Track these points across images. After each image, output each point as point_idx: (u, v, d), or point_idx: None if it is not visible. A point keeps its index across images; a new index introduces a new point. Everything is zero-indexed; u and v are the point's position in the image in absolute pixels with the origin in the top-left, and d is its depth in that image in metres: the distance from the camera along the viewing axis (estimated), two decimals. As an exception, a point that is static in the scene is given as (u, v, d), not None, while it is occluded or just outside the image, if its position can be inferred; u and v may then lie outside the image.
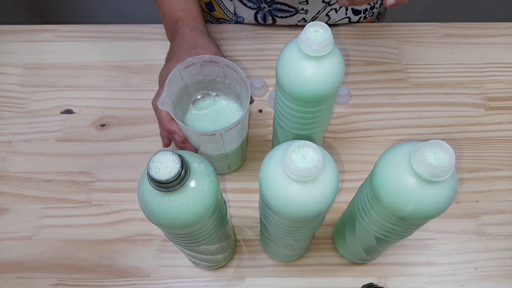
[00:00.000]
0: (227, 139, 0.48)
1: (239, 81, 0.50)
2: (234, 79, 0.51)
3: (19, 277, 0.53)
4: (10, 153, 0.62)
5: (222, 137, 0.47)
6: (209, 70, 0.51)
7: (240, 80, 0.49)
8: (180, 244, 0.42)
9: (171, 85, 0.48)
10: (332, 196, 0.36)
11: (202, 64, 0.49)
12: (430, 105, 0.65)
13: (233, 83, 0.52)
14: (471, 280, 0.53)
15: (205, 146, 0.49)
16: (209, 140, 0.47)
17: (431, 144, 0.33)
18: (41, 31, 0.73)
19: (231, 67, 0.49)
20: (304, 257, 0.55)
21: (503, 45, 0.71)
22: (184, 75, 0.49)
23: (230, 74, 0.50)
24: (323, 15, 0.70)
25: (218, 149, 0.50)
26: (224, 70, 0.50)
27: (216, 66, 0.50)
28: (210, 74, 0.52)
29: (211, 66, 0.50)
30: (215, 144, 0.49)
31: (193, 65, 0.49)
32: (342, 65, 0.41)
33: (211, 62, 0.49)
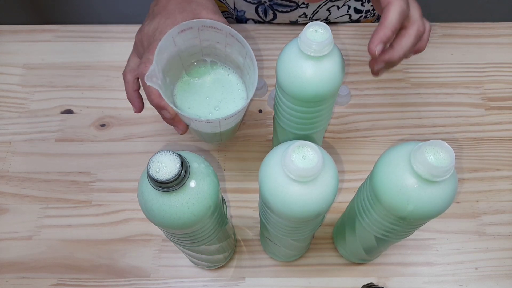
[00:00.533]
0: (225, 124, 0.43)
1: (243, 54, 0.44)
2: (237, 50, 0.44)
3: (19, 277, 0.53)
4: (10, 153, 0.62)
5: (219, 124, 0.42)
6: (208, 35, 0.44)
7: (245, 54, 0.43)
8: (180, 244, 0.42)
9: (162, 53, 0.41)
10: (332, 196, 0.36)
11: (200, 28, 0.42)
12: (430, 105, 0.65)
13: (235, 54, 0.45)
14: (471, 280, 0.53)
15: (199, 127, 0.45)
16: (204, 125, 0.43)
17: (431, 144, 0.33)
18: (41, 31, 0.72)
19: (236, 37, 0.42)
20: (304, 257, 0.55)
21: (503, 45, 0.71)
22: (178, 39, 0.43)
23: (233, 44, 0.44)
24: (324, 9, 0.69)
25: (213, 129, 0.45)
26: (226, 39, 0.44)
27: (217, 32, 0.43)
28: (208, 39, 0.45)
29: (212, 32, 0.43)
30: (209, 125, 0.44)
31: (189, 29, 0.42)
32: (342, 65, 0.41)
33: (211, 27, 0.43)
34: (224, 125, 0.44)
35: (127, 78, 0.48)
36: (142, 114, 0.64)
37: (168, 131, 0.63)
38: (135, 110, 0.49)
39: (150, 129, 0.63)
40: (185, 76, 0.47)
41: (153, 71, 0.39)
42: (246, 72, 0.46)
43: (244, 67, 0.46)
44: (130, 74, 0.48)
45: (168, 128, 0.63)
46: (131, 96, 0.48)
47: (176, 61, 0.45)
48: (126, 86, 0.48)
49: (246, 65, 0.45)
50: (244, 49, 0.43)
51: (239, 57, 0.45)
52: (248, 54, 0.42)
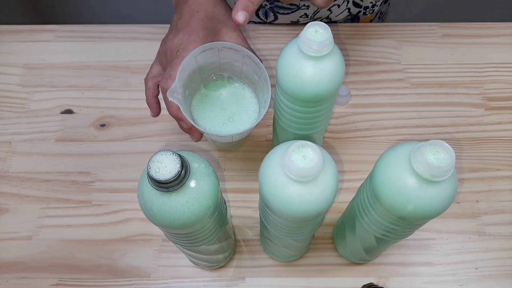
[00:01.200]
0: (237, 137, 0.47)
1: (258, 74, 0.47)
2: (252, 69, 0.48)
3: (19, 277, 0.53)
4: (10, 153, 0.62)
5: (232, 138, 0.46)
6: (227, 54, 0.47)
7: (260, 74, 0.47)
8: (180, 244, 0.42)
9: (184, 71, 0.45)
10: (332, 196, 0.36)
11: (220, 49, 0.46)
12: (430, 105, 0.65)
13: (251, 72, 0.49)
14: (471, 280, 0.53)
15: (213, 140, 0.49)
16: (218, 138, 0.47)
17: (431, 144, 0.33)
18: (41, 31, 0.72)
19: (252, 59, 0.46)
20: (304, 257, 0.55)
21: (503, 45, 0.71)
22: (199, 58, 0.46)
23: (249, 64, 0.47)
24: (325, 9, 0.70)
25: (226, 141, 0.49)
26: (243, 59, 0.47)
27: (236, 53, 0.47)
28: (227, 58, 0.48)
29: (230, 52, 0.47)
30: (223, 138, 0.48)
31: (210, 50, 0.46)
32: (342, 65, 0.41)
33: (231, 49, 0.46)
34: (236, 138, 0.47)
35: (149, 84, 0.50)
36: (142, 114, 0.64)
37: (168, 131, 0.63)
38: (153, 114, 0.52)
39: (150, 129, 0.63)
40: (202, 89, 0.51)
41: (175, 87, 0.43)
42: (260, 89, 0.49)
43: (259, 84, 0.49)
44: (152, 81, 0.51)
45: (168, 128, 0.63)
46: (150, 101, 0.51)
47: (196, 76, 0.49)
48: (147, 92, 0.51)
49: (260, 84, 0.48)
50: (259, 70, 0.46)
51: (254, 75, 0.49)
52: (263, 75, 0.46)
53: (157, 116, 0.52)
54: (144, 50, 0.70)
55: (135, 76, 0.68)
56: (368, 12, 0.73)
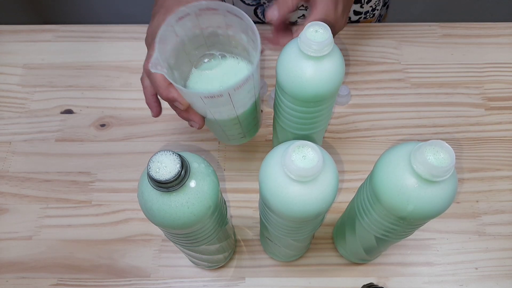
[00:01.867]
0: (237, 100, 0.41)
1: (244, 29, 0.42)
2: (238, 28, 0.43)
3: (19, 277, 0.53)
4: (10, 153, 0.62)
5: (231, 98, 0.40)
6: (207, 20, 0.43)
7: (246, 28, 0.42)
8: (180, 244, 0.42)
9: (163, 43, 0.40)
10: (332, 196, 0.36)
11: (197, 13, 0.41)
12: (430, 105, 0.65)
13: (238, 34, 0.44)
14: (471, 280, 0.53)
15: (213, 112, 0.43)
16: (216, 104, 0.41)
17: (431, 144, 0.33)
18: (41, 31, 0.72)
19: (233, 13, 0.41)
20: (304, 257, 0.55)
21: (503, 45, 0.71)
22: (178, 29, 0.42)
23: (233, 23, 0.43)
24: None
25: (228, 113, 0.43)
26: (225, 19, 0.42)
27: (215, 14, 0.42)
28: (209, 26, 0.44)
29: (210, 15, 0.42)
30: (224, 108, 0.42)
31: (187, 16, 0.41)
32: (342, 65, 0.41)
33: (208, 9, 0.41)
34: (236, 102, 0.42)
35: (145, 83, 0.48)
36: (142, 114, 0.64)
37: (168, 131, 0.63)
38: (153, 114, 0.49)
39: (150, 129, 0.63)
40: (194, 71, 0.47)
41: (156, 59, 0.39)
42: (252, 49, 0.44)
43: (249, 44, 0.44)
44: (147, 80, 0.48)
45: (168, 128, 0.63)
46: (149, 100, 0.48)
47: (182, 55, 0.45)
48: (144, 91, 0.48)
49: (249, 41, 0.44)
50: (243, 22, 0.41)
51: (242, 35, 0.44)
52: (249, 24, 0.41)
53: (158, 116, 0.49)
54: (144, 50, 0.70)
55: (135, 76, 0.68)
56: (369, 16, 0.73)
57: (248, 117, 0.47)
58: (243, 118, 0.46)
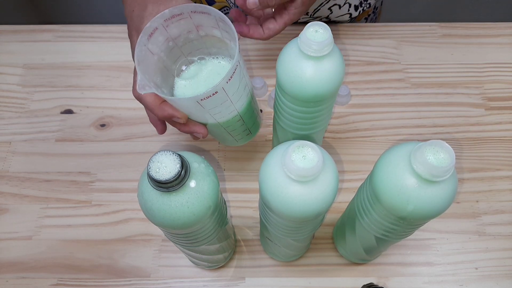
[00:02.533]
0: (233, 93, 0.41)
1: (215, 24, 0.41)
2: (208, 25, 0.42)
3: (19, 277, 0.53)
4: (10, 153, 0.62)
5: (226, 93, 0.39)
6: (176, 29, 0.42)
7: (216, 22, 0.41)
8: (180, 244, 0.42)
9: (143, 64, 0.40)
10: (332, 196, 0.36)
11: (164, 25, 0.40)
12: (430, 105, 0.65)
13: (210, 31, 0.43)
14: (471, 280, 0.53)
15: (213, 114, 0.42)
16: (214, 103, 0.40)
17: (431, 144, 0.33)
18: (41, 31, 0.72)
19: (199, 10, 0.40)
20: (304, 257, 0.55)
21: (503, 45, 0.71)
22: (152, 47, 0.41)
23: (201, 22, 0.42)
24: (326, 8, 0.69)
25: (229, 110, 0.43)
26: (192, 20, 0.41)
27: (181, 19, 0.41)
28: (179, 34, 0.43)
29: (176, 22, 0.41)
30: (222, 106, 0.41)
31: (155, 31, 0.40)
32: (342, 65, 0.41)
33: (173, 17, 0.40)
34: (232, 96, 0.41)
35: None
36: (142, 114, 0.64)
37: (168, 131, 0.63)
38: (159, 132, 0.49)
39: (150, 129, 0.63)
40: (177, 81, 0.46)
41: (141, 80, 0.38)
42: (228, 40, 0.43)
43: (223, 35, 0.43)
44: None
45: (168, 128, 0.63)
46: (152, 119, 0.48)
47: (164, 72, 0.44)
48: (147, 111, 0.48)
49: (223, 33, 0.43)
50: (211, 16, 0.40)
51: (214, 30, 0.43)
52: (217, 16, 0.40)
53: (164, 132, 0.49)
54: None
55: (135, 76, 0.68)
56: (365, 6, 0.73)
57: (248, 110, 0.46)
58: (243, 113, 0.45)
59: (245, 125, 0.48)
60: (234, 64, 0.38)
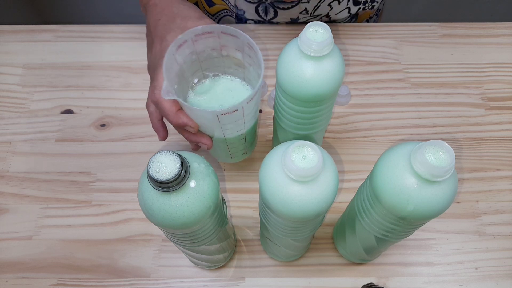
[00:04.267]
0: (248, 113, 0.43)
1: (240, 47, 0.44)
2: (233, 47, 0.45)
3: (19, 277, 0.53)
4: (10, 153, 0.62)
5: (243, 112, 0.42)
6: (202, 44, 0.45)
7: (242, 45, 0.43)
8: (180, 244, 0.42)
9: (169, 71, 0.42)
10: (332, 196, 0.36)
11: (194, 39, 0.43)
12: (430, 105, 0.65)
13: (233, 53, 0.46)
14: (471, 280, 0.53)
15: (224, 129, 0.44)
16: (229, 119, 0.42)
17: (431, 144, 0.33)
18: (41, 31, 0.72)
19: (229, 33, 0.43)
20: (304, 257, 0.55)
21: (503, 45, 0.71)
22: (178, 57, 0.44)
23: (227, 43, 0.44)
24: (325, 4, 0.69)
25: (238, 128, 0.45)
26: (220, 40, 0.44)
27: (210, 37, 0.44)
28: (204, 50, 0.46)
29: (204, 39, 0.44)
30: (235, 124, 0.44)
31: (185, 43, 0.43)
32: (342, 65, 0.41)
33: (204, 34, 0.43)
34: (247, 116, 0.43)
35: (150, 109, 0.49)
36: (142, 114, 0.64)
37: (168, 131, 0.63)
38: (160, 138, 0.50)
39: (150, 129, 0.63)
40: (192, 95, 0.49)
41: (166, 86, 0.40)
42: (248, 64, 0.46)
43: (244, 60, 0.46)
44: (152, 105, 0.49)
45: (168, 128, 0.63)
46: (156, 125, 0.50)
47: (182, 81, 0.47)
48: (151, 117, 0.49)
49: (246, 57, 0.45)
50: (239, 39, 0.43)
51: (236, 53, 0.46)
52: (245, 42, 0.42)
53: (165, 139, 0.51)
54: (144, 50, 0.70)
55: (135, 76, 0.68)
56: (367, 7, 0.73)
57: (252, 130, 0.49)
58: (248, 132, 0.48)
59: (245, 144, 0.50)
60: (258, 86, 0.40)
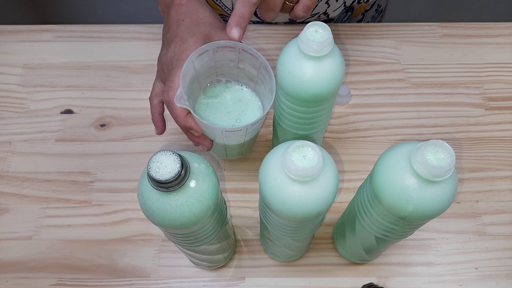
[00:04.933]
0: (250, 131, 0.46)
1: (257, 66, 0.47)
2: (250, 64, 0.48)
3: (19, 277, 0.53)
4: (10, 153, 0.62)
5: (246, 131, 0.45)
6: (221, 55, 0.47)
7: (259, 65, 0.47)
8: (180, 244, 0.42)
9: (185, 78, 0.45)
10: (332, 196, 0.36)
11: (215, 50, 0.46)
12: (430, 105, 0.65)
13: (249, 68, 0.49)
14: (471, 280, 0.53)
15: (225, 139, 0.47)
16: (232, 134, 0.45)
17: (431, 144, 0.33)
18: (41, 31, 0.72)
19: (249, 52, 0.46)
20: (304, 257, 0.55)
21: (503, 45, 0.71)
22: (196, 63, 0.46)
23: (246, 59, 0.48)
24: (323, 2, 0.69)
25: (239, 140, 0.48)
26: (239, 55, 0.47)
27: (231, 51, 0.47)
28: (222, 59, 0.48)
29: (225, 51, 0.47)
30: (236, 137, 0.47)
31: (205, 52, 0.46)
32: (342, 65, 0.41)
33: (226, 47, 0.46)
34: (249, 133, 0.47)
35: (153, 102, 0.51)
36: (142, 114, 0.64)
37: (168, 131, 0.63)
38: (157, 132, 0.52)
39: (150, 129, 0.63)
40: (202, 97, 0.51)
41: (180, 93, 0.43)
42: (261, 82, 0.49)
43: (258, 78, 0.49)
44: (156, 99, 0.51)
45: (168, 128, 0.63)
46: (156, 119, 0.51)
47: (195, 84, 0.49)
48: (152, 110, 0.51)
49: (260, 76, 0.48)
50: (258, 61, 0.46)
51: (252, 70, 0.49)
52: (262, 65, 0.46)
53: (162, 133, 0.53)
54: (144, 50, 0.70)
55: (135, 76, 0.68)
56: (363, 1, 0.73)
57: (251, 141, 0.52)
58: (247, 142, 0.50)
59: (242, 149, 0.53)
60: (265, 114, 0.44)
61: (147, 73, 0.68)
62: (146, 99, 0.66)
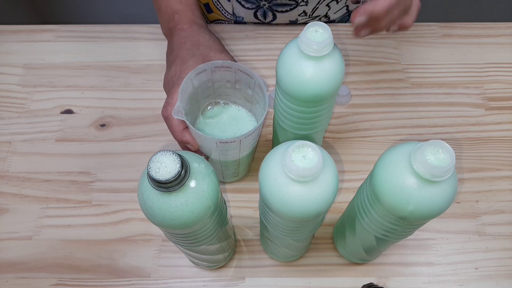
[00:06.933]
0: (244, 145, 0.48)
1: (252, 85, 0.49)
2: (245, 84, 0.50)
3: (19, 277, 0.53)
4: (10, 153, 0.62)
5: (240, 144, 0.46)
6: (219, 75, 0.50)
7: (253, 84, 0.49)
8: (180, 244, 0.42)
9: (183, 93, 0.47)
10: (332, 196, 0.36)
11: (213, 69, 0.49)
12: (430, 105, 0.65)
13: (244, 88, 0.51)
14: (471, 280, 0.53)
15: (220, 154, 0.48)
16: (226, 147, 0.46)
17: (431, 144, 0.33)
18: (41, 31, 0.72)
19: (244, 71, 0.48)
20: (304, 257, 0.55)
21: (503, 45, 0.71)
22: (195, 82, 0.49)
23: (242, 79, 0.50)
24: (324, 5, 0.69)
25: (233, 156, 0.50)
26: (235, 75, 0.49)
27: (227, 71, 0.49)
28: (220, 80, 0.51)
29: (223, 71, 0.49)
30: (231, 151, 0.48)
31: (204, 71, 0.48)
32: (342, 65, 0.41)
33: (222, 67, 0.49)
34: (244, 146, 0.48)
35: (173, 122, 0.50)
36: (142, 114, 0.65)
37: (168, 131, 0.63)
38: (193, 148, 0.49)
39: (150, 129, 0.63)
40: (201, 117, 0.54)
41: (178, 106, 0.45)
42: (256, 101, 0.51)
43: (253, 97, 0.51)
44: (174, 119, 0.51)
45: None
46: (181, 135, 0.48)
47: (194, 102, 0.51)
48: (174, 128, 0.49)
49: (255, 95, 0.50)
50: (252, 79, 0.48)
51: (247, 89, 0.51)
52: (257, 83, 0.47)
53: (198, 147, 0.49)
54: (144, 50, 0.70)
55: (135, 76, 0.68)
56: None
57: (246, 159, 0.53)
58: (242, 160, 0.52)
59: (238, 169, 0.54)
60: (258, 126, 0.45)
61: (147, 73, 0.68)
62: (146, 99, 0.66)
